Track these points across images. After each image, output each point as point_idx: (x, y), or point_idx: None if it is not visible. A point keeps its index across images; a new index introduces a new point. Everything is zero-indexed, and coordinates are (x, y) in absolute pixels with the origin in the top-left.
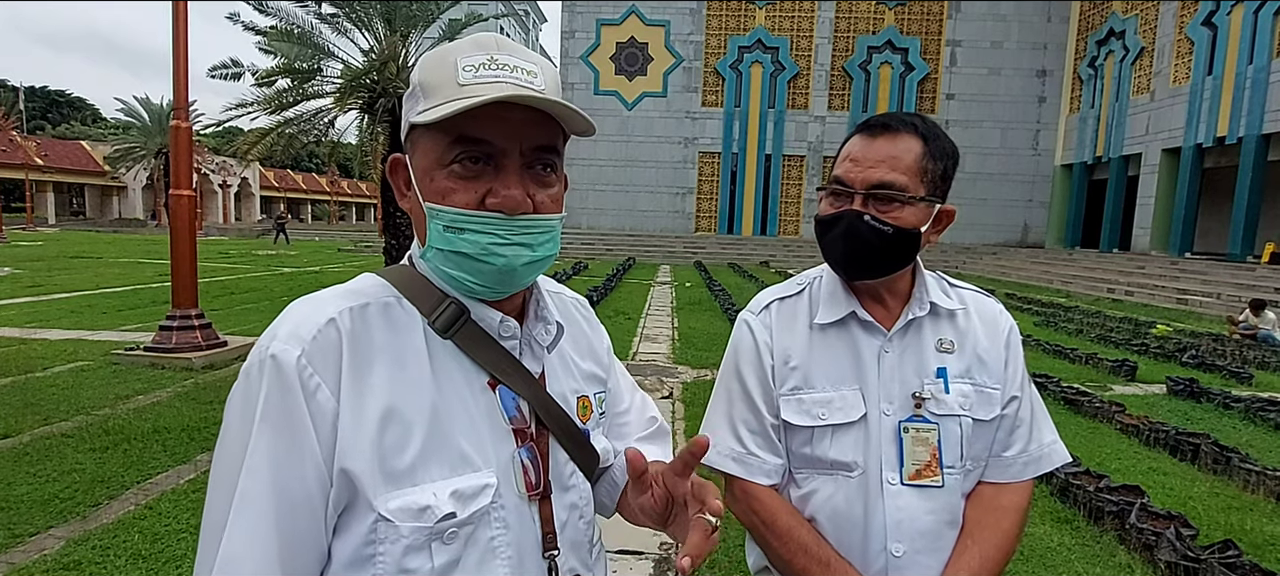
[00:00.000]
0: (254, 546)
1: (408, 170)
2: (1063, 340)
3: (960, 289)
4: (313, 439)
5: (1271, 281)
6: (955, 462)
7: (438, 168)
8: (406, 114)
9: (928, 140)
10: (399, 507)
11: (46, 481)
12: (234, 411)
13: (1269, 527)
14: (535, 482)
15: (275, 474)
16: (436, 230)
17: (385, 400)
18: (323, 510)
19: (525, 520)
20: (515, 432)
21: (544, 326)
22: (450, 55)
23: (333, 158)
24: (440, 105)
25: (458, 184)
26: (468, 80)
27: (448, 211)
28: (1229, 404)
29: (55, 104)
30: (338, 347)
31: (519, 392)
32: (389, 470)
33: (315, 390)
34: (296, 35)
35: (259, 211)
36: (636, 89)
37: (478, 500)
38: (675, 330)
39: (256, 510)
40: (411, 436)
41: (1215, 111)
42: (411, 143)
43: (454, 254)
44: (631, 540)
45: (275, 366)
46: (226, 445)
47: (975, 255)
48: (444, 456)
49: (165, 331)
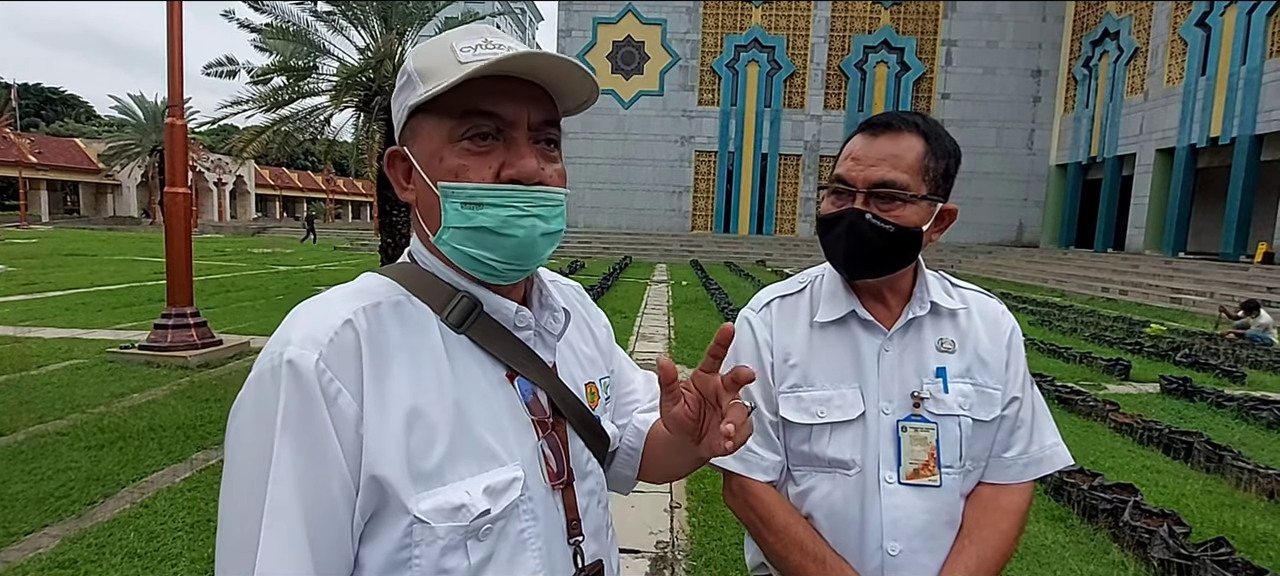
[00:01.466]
0: (290, 560)
1: (408, 161)
2: (1057, 339)
3: (962, 289)
4: (336, 446)
5: (1264, 281)
6: (954, 462)
7: (446, 146)
8: (402, 103)
9: (929, 139)
10: (432, 508)
11: (41, 479)
12: (247, 419)
13: (1261, 525)
14: (558, 472)
15: (302, 484)
16: (453, 209)
17: (408, 401)
18: (349, 518)
19: (551, 510)
20: (536, 424)
21: (552, 315)
22: (444, 41)
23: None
24: (445, 82)
25: (470, 160)
26: (468, 58)
27: (465, 187)
28: (1222, 403)
29: (49, 101)
30: (356, 350)
31: (536, 383)
32: (417, 471)
33: (336, 395)
34: (292, 33)
35: (254, 209)
36: (633, 88)
37: (508, 494)
38: (672, 329)
39: (289, 523)
40: (437, 435)
41: (1209, 111)
42: (410, 131)
43: (474, 230)
44: (628, 538)
45: (293, 372)
46: (243, 455)
47: (970, 254)
48: (471, 453)
49: (160, 329)
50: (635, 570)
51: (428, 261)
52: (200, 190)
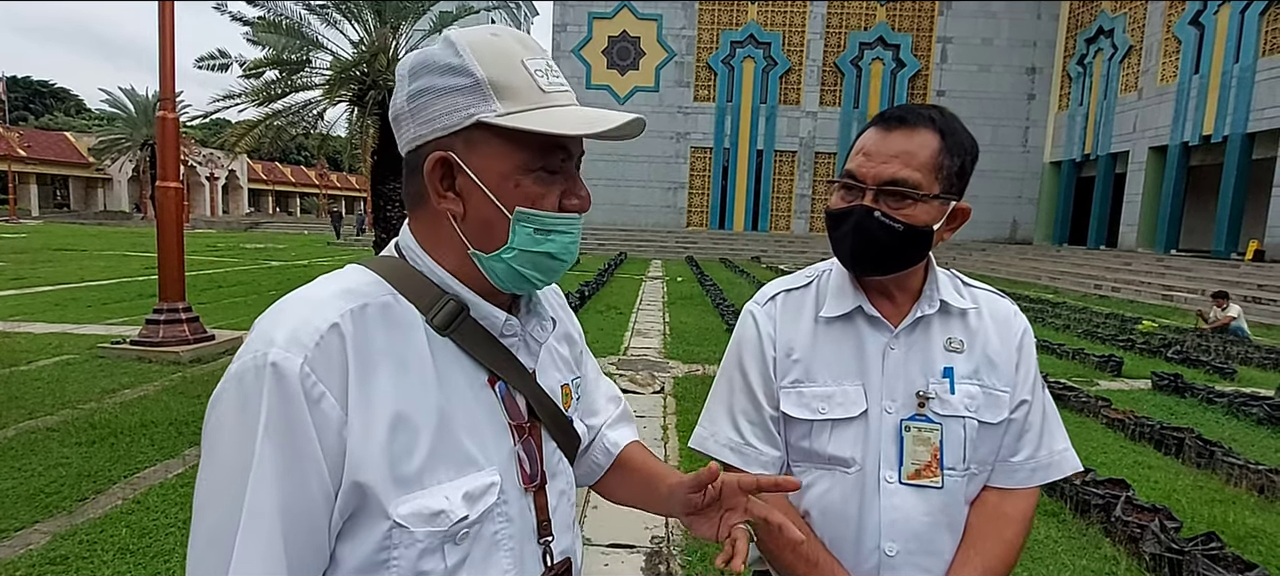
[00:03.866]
0: (265, 565)
1: (458, 171)
2: (1050, 336)
3: (974, 288)
4: (317, 450)
5: (1254, 278)
6: (957, 465)
7: (523, 172)
8: (459, 107)
9: (945, 135)
10: (411, 512)
11: (31, 476)
12: (228, 418)
13: (1251, 520)
14: (532, 475)
15: (282, 488)
16: (526, 233)
17: (392, 406)
18: (326, 520)
19: (524, 511)
20: (514, 428)
21: (540, 322)
22: (514, 55)
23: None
24: (533, 111)
25: (545, 189)
26: (548, 88)
27: (543, 216)
28: (1212, 399)
29: (38, 94)
30: (342, 354)
31: (517, 388)
32: (398, 475)
33: (320, 399)
34: (285, 26)
35: (247, 204)
36: (629, 83)
37: (485, 499)
38: (667, 325)
39: (267, 526)
40: (419, 440)
41: (1201, 110)
42: (467, 142)
43: (540, 255)
44: (623, 533)
45: (277, 375)
46: (223, 450)
47: (964, 251)
48: (450, 458)
49: (152, 325)
50: (631, 565)
51: (420, 261)
52: (192, 185)
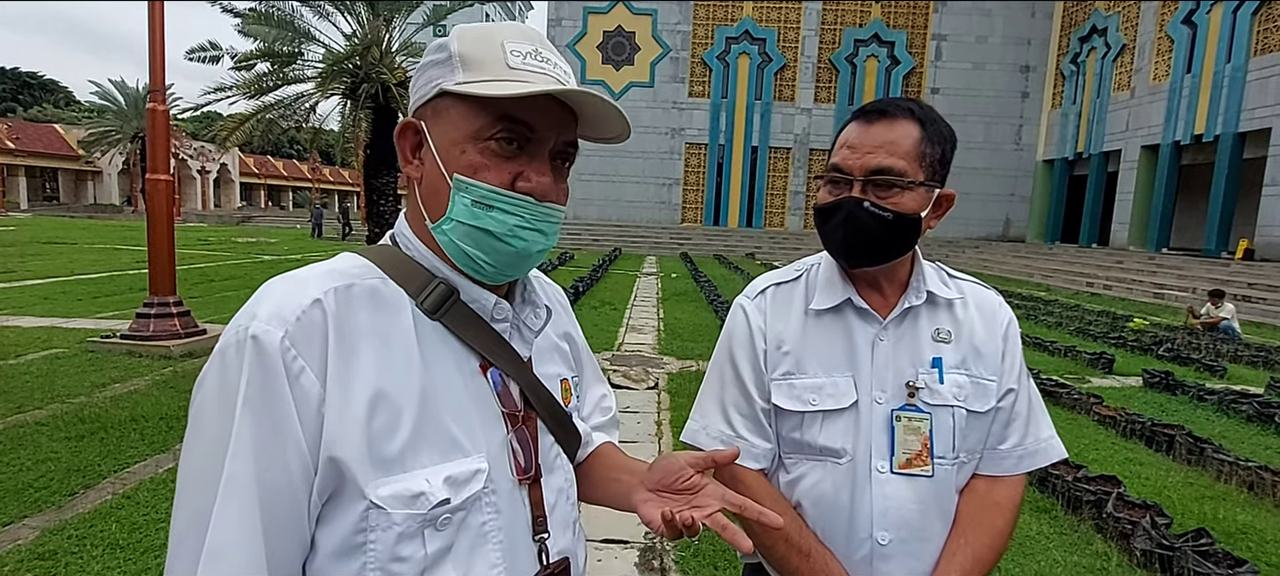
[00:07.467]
0: (243, 535)
1: (421, 137)
2: (1042, 333)
3: (960, 279)
4: (296, 424)
5: (1245, 276)
6: (947, 453)
7: (471, 141)
8: (432, 80)
9: (925, 124)
10: (390, 494)
11: (20, 470)
12: (210, 393)
13: (1241, 516)
14: (525, 466)
15: (259, 459)
16: (463, 203)
17: (373, 384)
18: (305, 498)
19: (516, 504)
20: (507, 416)
21: (533, 310)
22: (496, 36)
23: (314, 144)
24: (491, 82)
25: (491, 161)
26: (518, 65)
27: (479, 187)
28: (1203, 396)
29: (26, 86)
30: (323, 330)
31: (509, 375)
32: (378, 456)
33: (299, 373)
34: (276, 18)
35: (239, 198)
36: (623, 79)
37: (470, 485)
38: (661, 321)
39: (244, 497)
40: (401, 421)
41: (1193, 109)
42: (434, 110)
43: (477, 230)
44: (617, 529)
45: (257, 348)
46: (203, 428)
47: (957, 248)
48: (434, 441)
49: (143, 319)
50: (624, 560)
51: (411, 245)
52: (183, 178)
